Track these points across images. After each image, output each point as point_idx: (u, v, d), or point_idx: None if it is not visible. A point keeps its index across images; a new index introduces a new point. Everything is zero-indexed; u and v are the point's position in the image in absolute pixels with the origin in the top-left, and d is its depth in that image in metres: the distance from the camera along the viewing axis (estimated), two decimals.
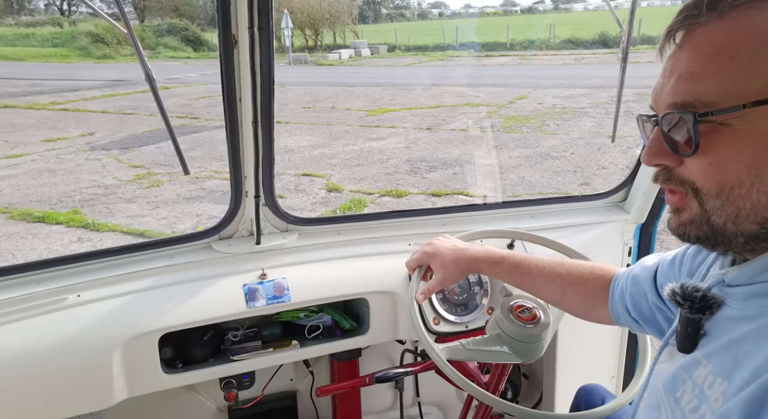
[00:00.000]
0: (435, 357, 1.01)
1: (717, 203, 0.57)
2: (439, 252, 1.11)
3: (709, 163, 0.57)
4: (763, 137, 0.53)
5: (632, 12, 1.39)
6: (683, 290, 0.64)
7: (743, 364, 0.55)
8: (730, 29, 0.54)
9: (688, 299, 0.63)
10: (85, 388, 1.14)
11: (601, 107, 9.41)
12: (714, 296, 0.62)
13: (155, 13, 24.98)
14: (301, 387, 1.72)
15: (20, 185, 6.10)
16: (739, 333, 0.58)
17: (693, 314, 0.63)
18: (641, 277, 0.91)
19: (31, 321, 1.15)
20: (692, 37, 0.57)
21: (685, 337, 0.63)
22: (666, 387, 0.66)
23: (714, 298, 0.62)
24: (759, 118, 0.53)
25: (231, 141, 1.27)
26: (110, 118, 9.72)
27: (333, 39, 24.72)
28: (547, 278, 1.03)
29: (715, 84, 0.55)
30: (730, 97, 0.54)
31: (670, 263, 0.87)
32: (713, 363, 0.59)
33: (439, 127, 8.45)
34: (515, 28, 23.91)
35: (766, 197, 0.54)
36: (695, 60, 0.56)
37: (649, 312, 0.89)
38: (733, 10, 0.54)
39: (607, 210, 1.67)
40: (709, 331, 0.62)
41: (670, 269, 0.86)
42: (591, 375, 1.68)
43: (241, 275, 1.31)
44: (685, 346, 0.64)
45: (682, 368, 0.63)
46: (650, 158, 0.62)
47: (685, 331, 0.63)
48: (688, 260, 0.81)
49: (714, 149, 0.56)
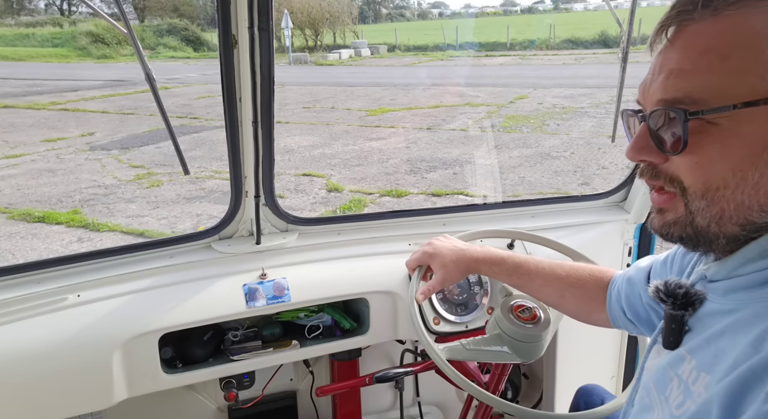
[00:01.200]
0: (435, 356, 1.01)
1: (702, 203, 0.57)
2: (439, 252, 1.11)
3: (695, 163, 0.57)
4: (749, 139, 0.53)
5: (632, 12, 1.39)
6: (666, 288, 0.65)
7: (722, 358, 0.55)
8: (724, 27, 0.53)
9: (671, 296, 0.64)
10: (85, 388, 1.14)
11: (601, 107, 9.41)
12: (696, 292, 0.63)
13: (155, 13, 24.97)
14: (301, 387, 1.72)
15: (20, 185, 6.10)
16: (718, 327, 0.58)
17: (676, 310, 0.63)
18: (636, 278, 0.92)
19: (31, 321, 1.15)
20: (684, 34, 0.56)
21: (669, 334, 0.64)
22: (657, 385, 0.66)
23: (696, 294, 0.63)
24: (747, 119, 0.53)
25: (231, 141, 1.27)
26: (110, 118, 9.72)
27: (333, 39, 24.71)
28: (546, 279, 1.03)
29: (705, 82, 0.54)
30: (720, 97, 0.53)
31: (662, 263, 0.87)
32: (696, 358, 0.59)
33: (439, 127, 8.45)
34: (515, 28, 23.90)
35: (749, 200, 0.54)
36: (686, 57, 0.56)
37: (644, 313, 0.90)
38: (727, 8, 0.53)
39: (607, 210, 1.67)
40: (692, 327, 0.63)
41: (662, 269, 0.86)
42: (591, 375, 1.68)
43: (241, 275, 1.31)
44: (670, 343, 0.64)
45: (669, 366, 0.64)
46: (635, 154, 0.62)
47: (669, 328, 0.64)
48: (678, 259, 0.82)
49: (701, 149, 0.56)
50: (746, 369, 0.51)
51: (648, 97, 0.60)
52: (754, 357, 0.51)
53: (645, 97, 0.61)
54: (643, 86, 0.61)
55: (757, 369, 0.51)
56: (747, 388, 0.51)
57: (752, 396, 0.50)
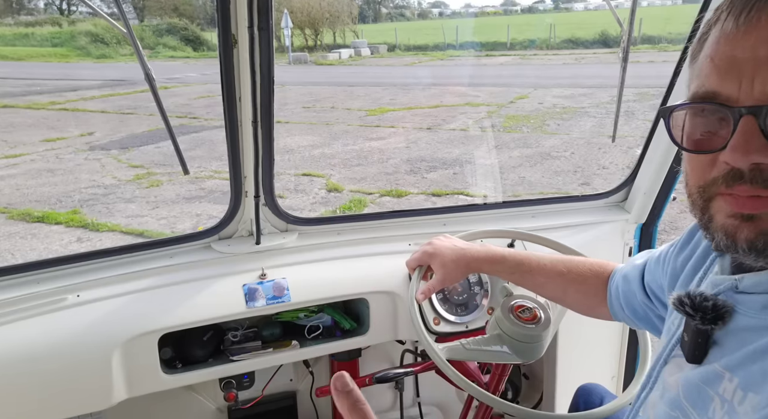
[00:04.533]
0: (435, 357, 1.01)
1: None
2: (440, 252, 1.11)
3: None
4: None
5: (632, 12, 1.39)
6: (692, 301, 0.59)
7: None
8: None
9: (700, 310, 0.59)
10: (85, 388, 1.14)
11: (602, 107, 9.41)
12: (725, 304, 0.58)
13: (155, 13, 24.96)
14: (301, 387, 1.72)
15: (20, 184, 6.10)
16: (762, 343, 0.54)
17: (705, 325, 0.58)
18: (631, 276, 0.91)
19: (30, 321, 1.15)
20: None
21: (695, 348, 0.60)
22: (693, 404, 0.61)
23: (725, 307, 0.58)
24: None
25: (231, 141, 1.27)
26: (109, 118, 9.72)
27: (333, 39, 24.69)
28: (548, 276, 1.03)
29: None
30: None
31: (656, 261, 0.86)
32: (738, 376, 0.55)
33: (439, 127, 8.45)
34: (515, 27, 23.88)
35: None
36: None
37: (641, 310, 0.90)
38: None
39: (607, 210, 1.67)
40: (721, 341, 0.59)
41: (656, 268, 0.85)
42: (591, 375, 1.67)
43: (241, 275, 1.31)
44: (695, 357, 0.60)
45: (704, 383, 0.59)
46: (747, 157, 0.51)
47: (695, 341, 0.60)
48: (671, 260, 0.79)
49: None
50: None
51: (751, 89, 0.50)
52: None
53: (747, 87, 0.50)
54: (736, 70, 0.51)
55: None
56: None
57: None
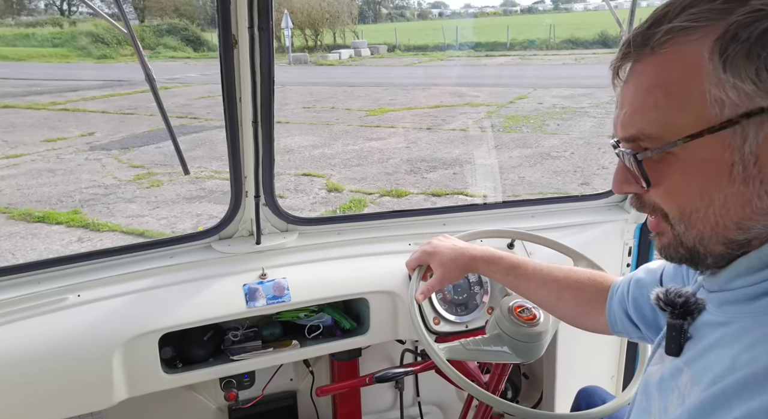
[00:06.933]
0: (435, 356, 1.01)
1: (682, 227, 0.59)
2: (439, 251, 1.11)
3: (664, 191, 0.59)
4: (705, 165, 0.54)
5: (632, 12, 1.40)
6: (666, 296, 0.65)
7: (707, 372, 0.55)
8: (662, 63, 0.55)
9: (670, 305, 0.64)
10: (85, 388, 1.14)
11: (601, 107, 9.41)
12: (696, 300, 0.63)
13: (155, 13, 24.97)
14: (301, 387, 1.72)
15: (20, 185, 6.10)
16: (712, 338, 0.58)
17: (675, 319, 0.64)
18: (646, 280, 0.91)
19: (31, 321, 1.15)
20: (633, 73, 0.59)
21: (670, 340, 0.64)
22: (660, 393, 0.66)
23: (696, 303, 0.63)
24: (699, 147, 0.54)
25: (231, 141, 1.27)
26: (110, 118, 9.72)
27: (333, 39, 24.71)
28: (543, 280, 1.02)
29: (654, 118, 0.56)
30: (670, 130, 0.55)
31: (675, 266, 0.86)
32: (692, 369, 0.59)
33: (439, 127, 8.45)
34: (515, 28, 23.89)
35: (723, 220, 0.55)
36: (636, 95, 0.58)
37: (651, 316, 0.89)
38: (663, 45, 0.55)
39: (607, 210, 1.67)
40: (693, 335, 0.63)
41: (676, 273, 0.85)
42: (591, 375, 1.68)
43: (241, 275, 1.31)
44: (671, 349, 0.64)
45: (671, 376, 0.64)
46: (618, 187, 0.65)
47: (670, 334, 0.64)
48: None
49: (665, 179, 0.58)
50: (719, 388, 0.51)
51: (617, 133, 0.63)
52: (729, 377, 0.51)
53: (616, 133, 0.63)
54: (614, 122, 0.63)
55: (728, 390, 0.50)
56: (714, 409, 0.50)
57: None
